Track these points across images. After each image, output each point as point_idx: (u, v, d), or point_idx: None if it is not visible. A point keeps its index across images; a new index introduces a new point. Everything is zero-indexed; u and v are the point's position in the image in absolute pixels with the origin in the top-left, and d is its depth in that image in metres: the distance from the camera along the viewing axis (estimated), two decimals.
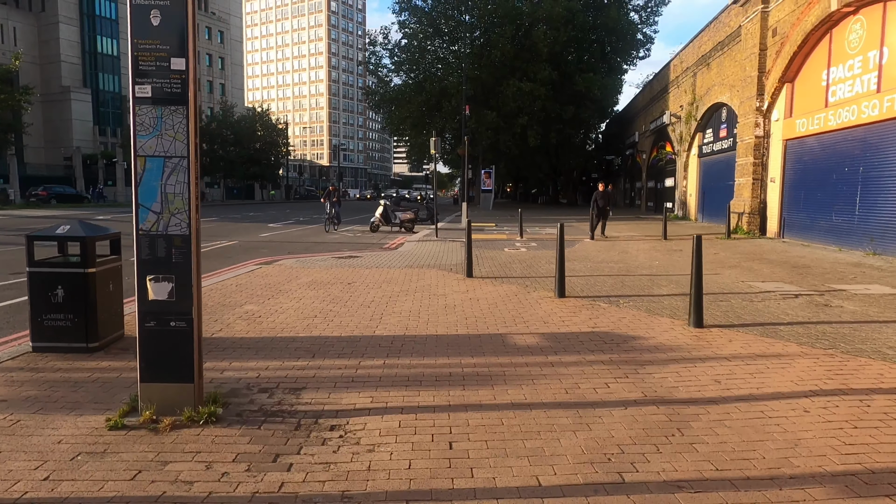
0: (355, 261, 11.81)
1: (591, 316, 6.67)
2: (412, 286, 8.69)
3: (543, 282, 9.13)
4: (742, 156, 18.30)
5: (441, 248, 14.36)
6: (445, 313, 6.84)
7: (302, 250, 14.56)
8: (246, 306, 7.19)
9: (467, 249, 9.59)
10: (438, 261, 11.91)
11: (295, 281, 9.12)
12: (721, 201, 22.27)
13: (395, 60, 43.77)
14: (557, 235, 7.74)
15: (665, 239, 16.69)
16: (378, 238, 18.35)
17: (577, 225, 23.43)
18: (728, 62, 20.83)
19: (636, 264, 11.31)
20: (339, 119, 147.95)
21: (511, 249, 14.17)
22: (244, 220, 26.69)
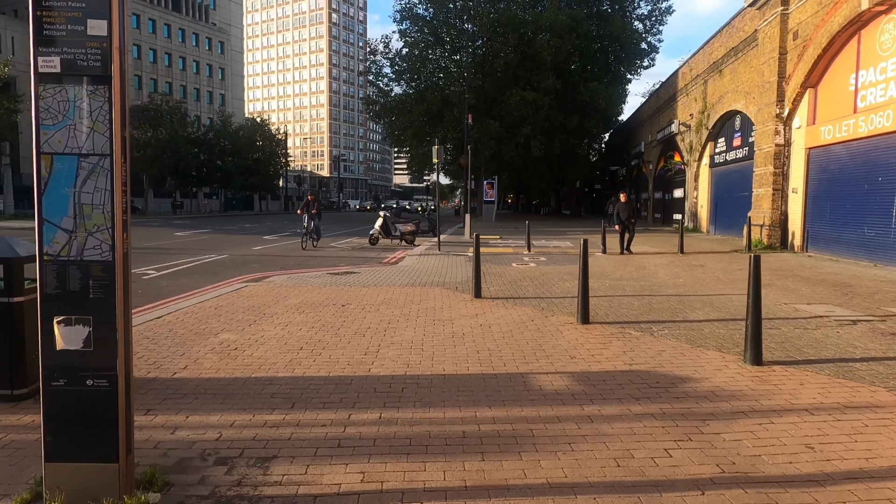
0: (352, 278, 10.84)
1: (625, 348, 5.69)
2: (414, 309, 7.72)
3: (561, 303, 8.15)
4: (760, 165, 17.39)
5: (444, 264, 13.40)
6: (453, 344, 5.87)
7: (295, 265, 13.60)
8: (222, 335, 6.22)
9: (475, 266, 8.62)
10: (442, 278, 10.95)
11: (283, 302, 8.15)
12: (735, 213, 21.35)
13: (396, 70, 43.09)
14: (580, 252, 6.77)
15: (682, 253, 15.73)
16: (377, 252, 17.40)
17: (583, 237, 22.51)
18: (742, 68, 19.99)
19: (658, 282, 10.34)
20: (339, 130, 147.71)
21: (519, 265, 13.21)
22: (239, 232, 25.76)
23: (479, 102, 37.29)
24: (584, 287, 6.75)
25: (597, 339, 6.03)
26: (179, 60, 79.26)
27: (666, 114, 31.01)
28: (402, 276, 11.21)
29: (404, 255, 16.00)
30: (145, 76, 73.20)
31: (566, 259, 14.50)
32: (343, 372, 4.91)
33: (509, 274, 11.47)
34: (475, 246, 8.53)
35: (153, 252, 15.93)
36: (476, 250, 8.51)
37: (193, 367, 5.02)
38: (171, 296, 9.03)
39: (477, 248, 8.52)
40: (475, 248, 8.52)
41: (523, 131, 37.01)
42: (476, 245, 8.52)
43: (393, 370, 4.98)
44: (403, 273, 11.64)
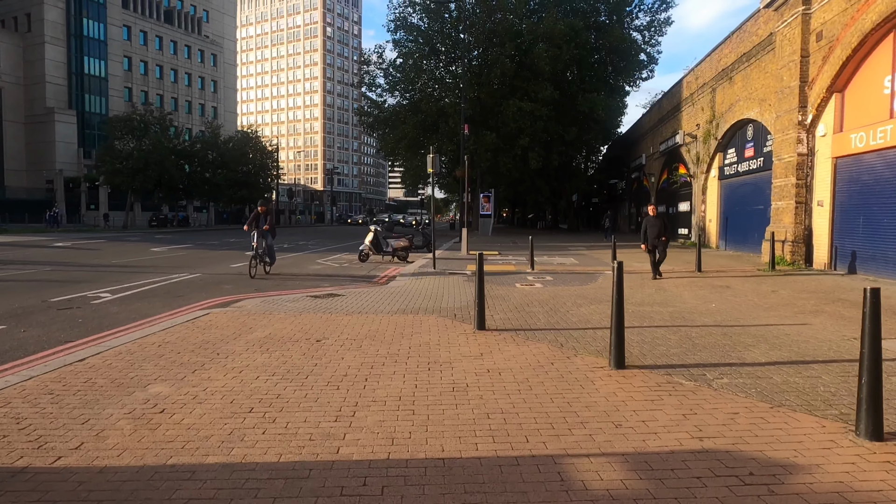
0: (334, 302, 9.41)
1: (683, 409, 4.28)
2: (404, 346, 6.30)
3: (582, 337, 6.75)
4: (781, 176, 16.14)
5: (440, 284, 12.00)
6: (454, 401, 4.45)
7: (273, 286, 12.16)
8: (153, 387, 4.77)
9: (478, 292, 7.20)
10: (438, 302, 9.53)
11: (245, 336, 6.71)
12: (748, 227, 20.11)
13: (390, 81, 41.97)
14: (614, 277, 5.36)
15: (700, 272, 14.39)
16: (367, 269, 15.98)
17: (587, 253, 21.23)
18: (756, 74, 18.86)
19: (688, 308, 8.96)
20: (333, 143, 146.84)
21: (524, 285, 11.82)
22: (221, 248, 24.28)
23: (475, 113, 36.17)
24: (618, 322, 5.34)
25: (641, 394, 4.62)
26: (171, 73, 78.23)
27: (669, 125, 29.91)
28: (393, 299, 9.79)
29: (396, 273, 14.59)
30: (136, 88, 72.05)
31: (574, 278, 13.13)
32: (300, 455, 3.48)
33: (514, 297, 10.07)
34: (478, 267, 7.13)
35: (118, 270, 14.45)
36: (479, 273, 7.11)
37: (90, 447, 3.57)
38: (114, 326, 7.58)
39: (480, 270, 7.12)
40: (478, 269, 7.12)
41: (521, 143, 35.86)
42: (479, 267, 7.12)
43: (371, 449, 3.55)
44: (394, 296, 10.22)
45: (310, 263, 17.50)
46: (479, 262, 7.14)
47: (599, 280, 12.83)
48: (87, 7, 65.88)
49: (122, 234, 34.82)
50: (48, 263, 15.99)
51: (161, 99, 75.43)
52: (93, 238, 29.46)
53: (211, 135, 51.07)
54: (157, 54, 76.92)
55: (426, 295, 10.37)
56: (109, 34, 67.78)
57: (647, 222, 13.23)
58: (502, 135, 36.28)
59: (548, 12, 38.36)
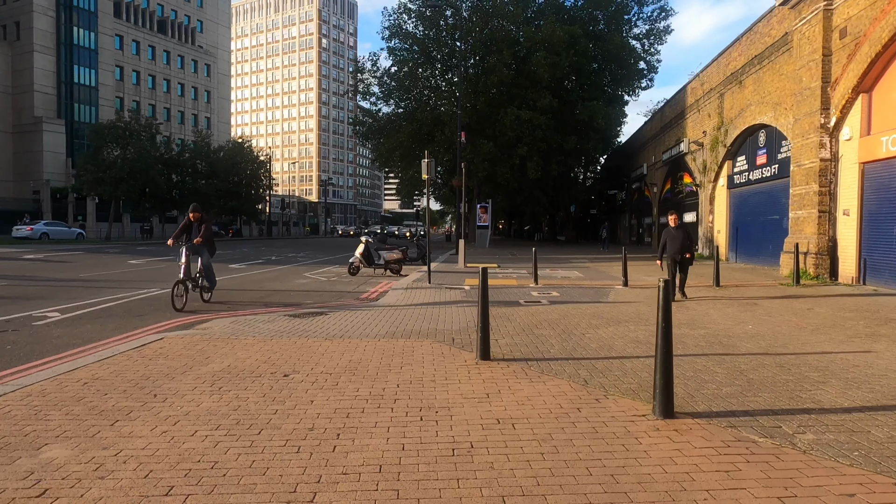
0: (314, 323, 8.19)
1: (774, 487, 3.07)
2: (391, 382, 5.08)
3: (608, 370, 5.55)
4: (801, 184, 15.07)
5: (436, 301, 10.79)
6: (455, 475, 3.23)
7: (250, 302, 10.92)
8: (48, 450, 3.54)
9: (481, 314, 5.99)
10: (434, 322, 8.33)
11: (197, 369, 5.48)
12: (762, 238, 19.03)
13: (385, 89, 40.94)
14: (659, 302, 4.17)
15: (718, 286, 13.23)
16: (356, 283, 14.76)
17: (591, 266, 20.09)
18: (769, 77, 17.87)
19: (721, 330, 7.77)
20: (328, 155, 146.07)
21: (529, 302, 10.63)
22: None
23: (472, 122, 35.17)
24: (665, 358, 4.13)
25: (709, 461, 3.42)
26: (164, 83, 77.32)
27: (673, 133, 28.95)
28: (382, 320, 8.57)
29: (388, 288, 13.38)
30: (127, 98, 71.01)
31: (583, 294, 11.95)
32: None
33: (520, 317, 8.87)
34: (481, 286, 5.93)
35: (81, 286, 13.17)
36: (483, 293, 5.90)
37: None
38: (47, 355, 6.34)
39: (484, 289, 5.91)
40: (481, 289, 5.91)
41: (519, 152, 34.85)
42: (483, 286, 5.91)
43: None
44: (383, 316, 9.00)
45: (295, 277, 16.26)
46: (482, 279, 5.94)
47: (611, 296, 11.65)
48: (77, 16, 64.99)
49: (103, 246, 33.42)
50: (7, 277, 14.69)
51: (153, 109, 74.42)
52: (71, 250, 28.12)
53: (200, 144, 49.82)
54: (150, 64, 76.06)
55: (420, 314, 9.16)
56: (100, 43, 66.82)
57: (668, 234, 11.15)
58: (500, 144, 35.29)
59: (546, 20, 37.55)
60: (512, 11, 36.92)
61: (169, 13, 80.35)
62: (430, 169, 14.02)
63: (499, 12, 37.01)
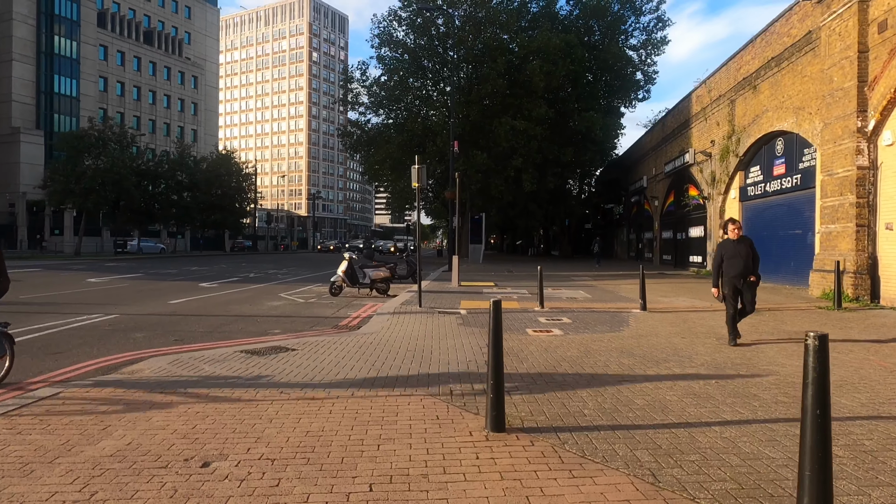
0: (275, 363, 6.44)
1: None
2: (361, 481, 3.35)
3: (677, 449, 3.85)
4: (833, 195, 13.58)
5: (428, 330, 9.06)
6: None
7: (205, 332, 9.14)
8: None
9: (492, 367, 4.26)
10: (425, 361, 6.61)
11: (79, 451, 3.73)
12: (781, 255, 17.51)
13: (374, 99, 39.40)
14: (810, 378, 2.49)
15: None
16: (337, 306, 13.00)
17: (596, 284, 18.49)
18: (789, 80, 16.48)
19: (792, 373, 6.12)
20: (318, 168, 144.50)
21: (539, 331, 8.93)
22: (176, 277, 21.15)
23: (464, 132, 33.67)
24: (822, 469, 2.44)
25: None
26: (149, 94, 75.60)
27: (676, 143, 27.60)
28: (361, 358, 6.83)
29: (372, 312, 11.65)
30: (111, 109, 69.08)
31: (598, 320, 10.28)
32: None
33: (532, 353, 7.17)
34: (493, 329, 4.21)
35: (12, 309, 11.30)
36: (494, 337, 4.19)
37: None
38: None
39: (496, 331, 4.19)
40: (492, 333, 4.19)
41: (513, 163, 33.37)
42: (494, 328, 4.20)
43: None
44: (363, 351, 7.26)
45: (270, 298, 14.47)
46: (493, 318, 4.22)
47: (632, 323, 9.98)
48: (59, 25, 63.30)
49: (69, 262, 31.33)
50: None
51: (138, 120, 72.62)
52: (30, 267, 26.12)
53: (180, 155, 47.88)
54: (136, 75, 74.38)
55: (408, 348, 7.43)
56: (83, 53, 65.09)
57: (725, 250, 7.83)
58: (494, 155, 33.80)
59: (540, 30, 36.35)
60: (505, 21, 35.66)
61: (156, 24, 78.91)
62: (421, 177, 12.37)
63: (492, 21, 35.74)
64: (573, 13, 41.64)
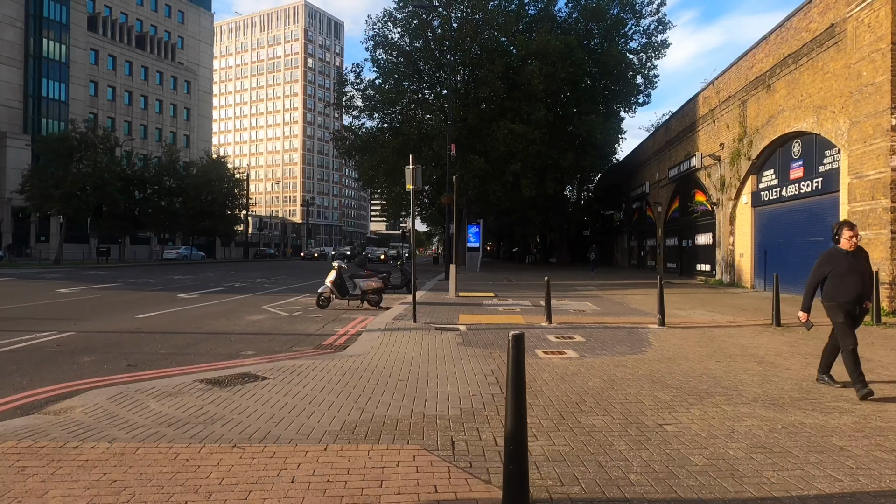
0: (238, 399, 5.27)
1: None
2: None
3: None
4: (861, 199, 12.54)
5: (423, 352, 7.90)
6: None
7: (168, 354, 7.95)
8: None
9: (513, 417, 3.11)
10: (420, 397, 5.45)
11: None
12: (798, 264, 16.41)
13: (368, 103, 38.32)
14: None
15: (779, 325, 10.52)
16: (323, 321, 11.83)
17: (603, 295, 17.40)
18: (808, 77, 15.49)
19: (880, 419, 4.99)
20: (313, 175, 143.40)
21: (550, 353, 7.79)
22: (154, 287, 19.92)
23: (461, 136, 32.63)
24: None
25: None
26: (141, 99, 74.39)
27: (681, 147, 26.62)
28: (341, 392, 5.66)
29: (362, 328, 10.50)
30: (102, 115, 67.80)
31: (613, 338, 9.15)
32: None
33: (547, 384, 6.01)
34: (511, 370, 3.07)
35: None
36: (515, 391, 3.04)
37: None
38: None
39: (518, 383, 3.05)
40: (512, 377, 3.05)
41: (512, 168, 32.35)
42: (515, 376, 3.06)
43: None
44: (345, 382, 6.09)
45: (250, 311, 13.27)
46: (512, 363, 3.07)
47: (653, 342, 8.86)
48: (48, 28, 62.11)
49: (45, 270, 29.95)
50: None
51: (129, 125, 71.43)
52: (1, 276, 24.83)
53: (168, 160, 46.57)
54: (127, 79, 73.19)
55: (399, 377, 6.28)
56: (72, 56, 63.88)
57: (837, 265, 5.68)
58: (492, 159, 32.77)
59: (538, 33, 35.42)
60: (503, 23, 34.70)
61: (148, 28, 77.88)
62: (416, 178, 11.25)
63: (489, 23, 34.78)
64: (572, 15, 40.78)
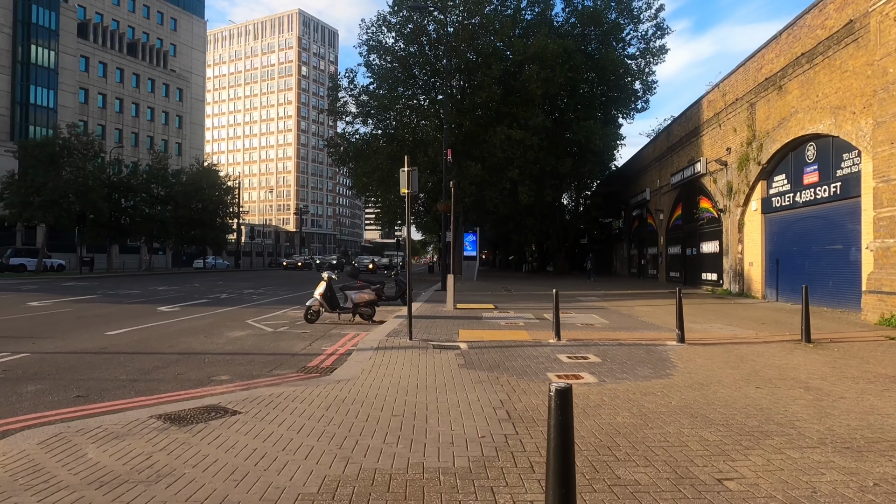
0: (195, 443, 4.29)
1: None
2: None
3: None
4: (889, 204, 11.71)
5: (421, 376, 6.93)
6: None
7: (129, 380, 6.95)
8: None
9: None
10: (416, 441, 4.49)
11: None
12: (815, 273, 15.59)
13: (362, 109, 37.44)
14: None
15: (809, 342, 9.62)
16: (311, 337, 10.83)
17: (608, 306, 16.48)
18: (825, 76, 14.71)
19: None
20: (307, 183, 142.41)
21: (564, 377, 6.83)
22: (135, 299, 18.86)
23: (457, 142, 31.77)
24: None
25: None
26: (132, 106, 73.35)
27: (684, 152, 25.85)
28: (322, 434, 4.69)
29: (352, 344, 9.54)
30: (92, 122, 66.71)
31: (632, 358, 8.22)
32: None
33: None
34: (557, 439, 2.13)
35: None
36: (561, 473, 2.10)
37: None
38: None
39: (564, 462, 2.12)
40: (557, 453, 2.12)
41: (509, 175, 31.49)
42: (561, 453, 2.12)
43: None
44: (329, 419, 5.11)
45: (233, 326, 12.27)
46: (556, 443, 2.13)
47: (677, 363, 7.92)
48: (36, 34, 61.12)
49: (22, 281, 28.74)
50: None
51: (120, 133, 70.37)
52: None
53: (156, 167, 45.44)
54: (118, 87, 72.17)
55: (393, 411, 5.30)
56: (62, 63, 62.89)
57: None
58: (488, 166, 31.91)
59: (535, 37, 34.71)
60: (499, 28, 33.95)
61: (140, 35, 77.01)
62: (411, 181, 10.32)
63: (485, 28, 34.04)
64: (569, 20, 40.17)
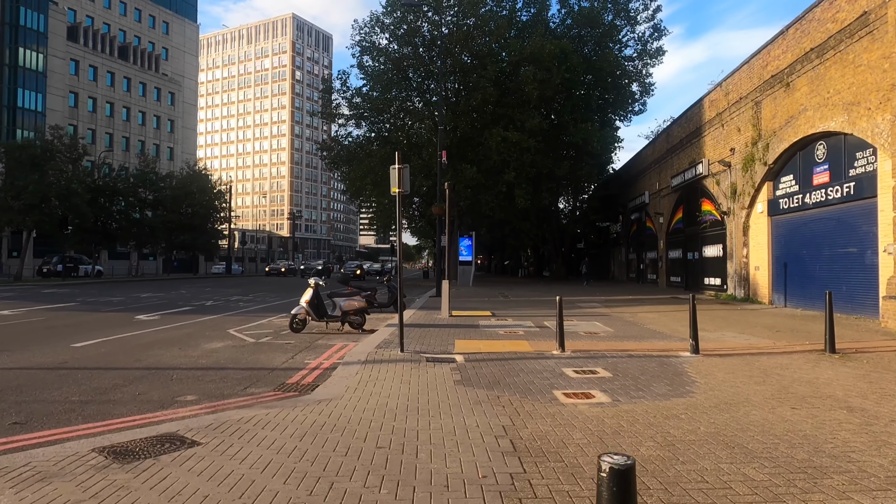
0: (135, 487, 3.48)
1: None
2: None
3: None
4: None
5: (412, 396, 6.14)
6: None
7: (80, 402, 6.14)
8: None
9: None
10: (405, 481, 3.69)
11: None
12: (827, 278, 14.91)
13: (355, 111, 36.72)
14: None
15: (834, 352, 8.89)
16: (295, 348, 10.03)
17: (610, 313, 15.75)
18: (837, 71, 14.07)
19: None
20: (301, 188, 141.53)
21: (573, 396, 6.06)
22: (114, 307, 17.99)
23: (452, 145, 31.06)
24: None
25: None
26: (123, 110, 72.36)
27: (685, 154, 25.21)
28: (293, 473, 3.89)
29: (338, 358, 8.75)
30: (82, 126, 65.70)
31: (644, 372, 7.45)
32: None
33: (579, 447, 4.28)
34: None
35: None
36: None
37: None
38: None
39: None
40: None
41: (506, 178, 30.81)
42: None
43: None
44: (302, 452, 4.31)
45: (211, 337, 11.44)
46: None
47: (696, 378, 7.16)
48: (24, 36, 60.17)
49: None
50: None
51: (111, 138, 69.35)
52: None
53: (144, 171, 44.47)
54: (108, 90, 71.20)
55: (379, 441, 4.50)
56: (50, 66, 61.93)
57: None
58: (484, 169, 31.23)
59: (531, 38, 34.10)
60: (494, 29, 33.31)
61: (132, 39, 76.14)
62: (403, 180, 9.56)
63: (480, 29, 33.41)
64: (565, 22, 39.63)
